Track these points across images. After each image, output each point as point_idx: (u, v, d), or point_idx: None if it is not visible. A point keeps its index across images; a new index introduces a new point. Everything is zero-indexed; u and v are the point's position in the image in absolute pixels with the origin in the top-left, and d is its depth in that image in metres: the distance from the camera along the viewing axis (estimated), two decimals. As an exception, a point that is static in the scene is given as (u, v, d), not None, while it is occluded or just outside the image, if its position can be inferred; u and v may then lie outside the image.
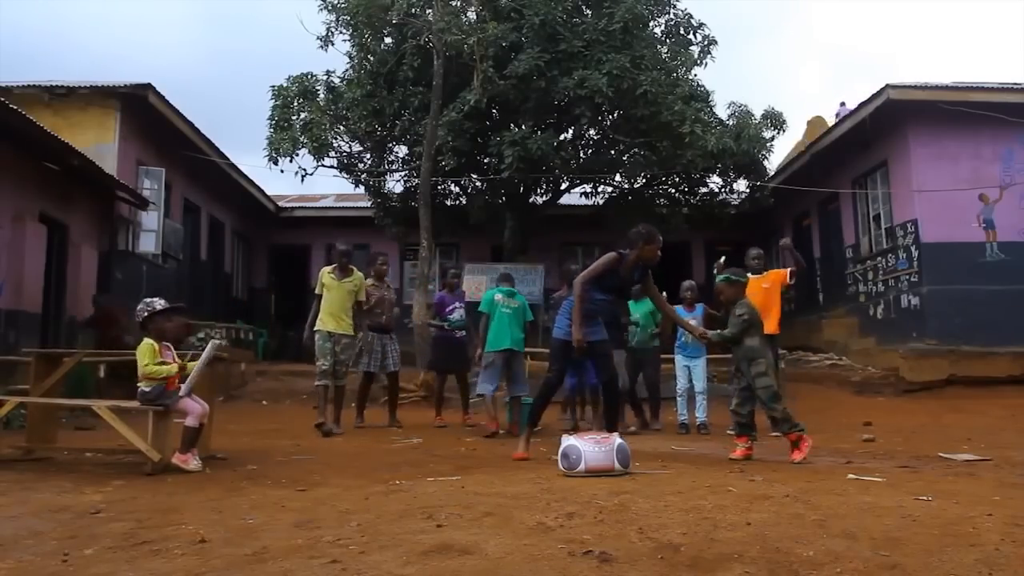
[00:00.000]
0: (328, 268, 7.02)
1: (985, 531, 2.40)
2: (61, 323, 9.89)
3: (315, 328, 6.79)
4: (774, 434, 5.27)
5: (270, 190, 17.08)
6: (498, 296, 6.80)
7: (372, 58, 13.42)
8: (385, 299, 7.40)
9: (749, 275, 6.33)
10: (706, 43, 13.24)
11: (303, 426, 7.19)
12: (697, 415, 7.10)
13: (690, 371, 7.14)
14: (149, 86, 10.97)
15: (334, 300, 6.83)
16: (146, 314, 4.46)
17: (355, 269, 7.05)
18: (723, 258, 7.64)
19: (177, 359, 4.53)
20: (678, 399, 7.17)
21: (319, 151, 12.87)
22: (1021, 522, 2.51)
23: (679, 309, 7.18)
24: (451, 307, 7.66)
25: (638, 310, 7.37)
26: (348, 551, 2.25)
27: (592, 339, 4.69)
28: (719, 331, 5.02)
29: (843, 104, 15.50)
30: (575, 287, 4.69)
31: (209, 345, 4.65)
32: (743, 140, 12.69)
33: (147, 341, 4.39)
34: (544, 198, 14.82)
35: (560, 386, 5.16)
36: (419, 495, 3.24)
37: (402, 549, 2.26)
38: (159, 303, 4.52)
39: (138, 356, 4.36)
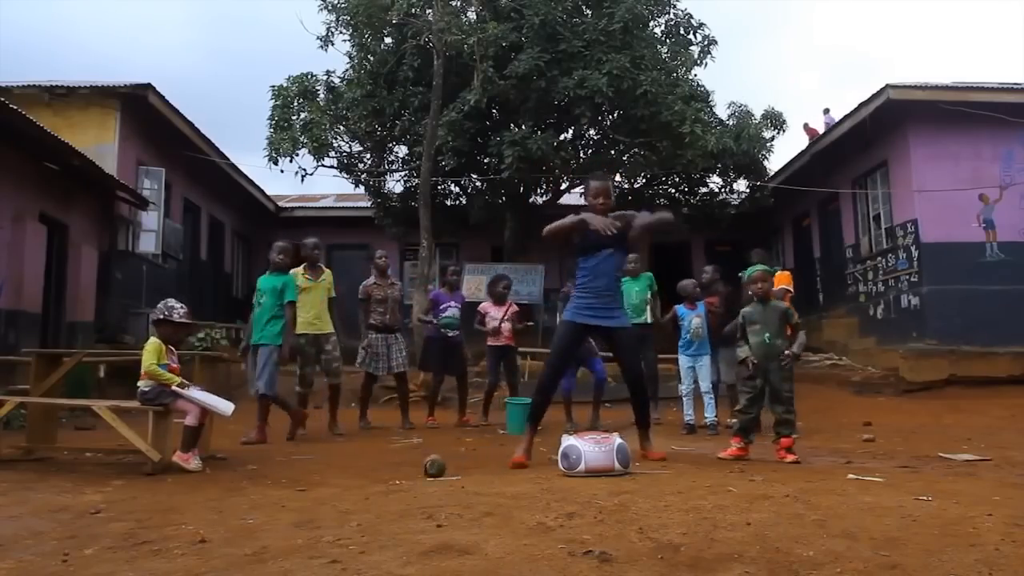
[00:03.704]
0: (300, 269, 6.65)
1: (985, 531, 2.40)
2: (61, 323, 9.90)
3: (300, 331, 6.46)
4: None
5: (270, 190, 17.07)
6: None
7: (372, 58, 13.43)
8: (388, 297, 7.21)
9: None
10: (706, 43, 13.26)
11: (303, 426, 7.18)
12: (706, 415, 6.93)
13: (695, 371, 7.07)
14: (149, 86, 10.96)
15: (315, 301, 6.58)
16: (161, 317, 4.51)
17: (323, 267, 6.83)
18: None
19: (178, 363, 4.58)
20: (684, 400, 7.10)
21: (319, 151, 12.88)
22: (1021, 522, 2.51)
23: (680, 308, 7.16)
24: (445, 305, 7.55)
25: (635, 287, 7.36)
26: (348, 551, 2.25)
27: (611, 323, 4.40)
28: (798, 345, 4.72)
29: (827, 111, 15.58)
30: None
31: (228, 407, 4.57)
32: (743, 140, 12.72)
33: (155, 340, 4.46)
34: (544, 198, 14.82)
35: (560, 374, 4.60)
36: (419, 495, 3.23)
37: (402, 549, 2.26)
38: (179, 313, 4.54)
39: (144, 353, 4.40)
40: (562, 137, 13.76)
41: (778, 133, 13.63)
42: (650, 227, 4.53)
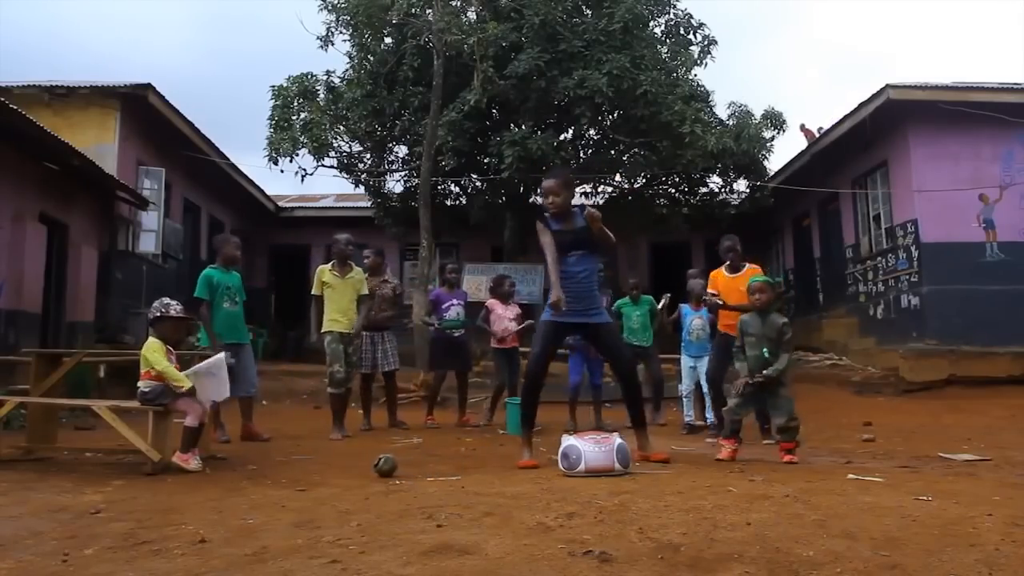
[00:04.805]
0: (327, 266, 6.68)
1: (985, 531, 2.40)
2: (61, 323, 9.90)
3: (326, 329, 6.43)
4: (766, 442, 5.27)
5: (270, 190, 17.09)
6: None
7: (372, 58, 13.43)
8: (373, 295, 7.00)
9: (724, 271, 6.34)
10: (706, 43, 13.25)
11: (303, 426, 7.18)
12: (708, 415, 6.85)
13: (697, 371, 7.00)
14: (149, 86, 10.97)
15: (342, 298, 6.49)
16: (159, 314, 4.47)
17: (354, 264, 6.77)
18: (667, 296, 7.63)
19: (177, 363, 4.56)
20: (684, 400, 7.09)
21: (319, 151, 12.88)
22: (1021, 522, 2.51)
23: (685, 308, 7.14)
24: (447, 304, 7.52)
25: (635, 312, 7.35)
26: (348, 551, 2.25)
27: (591, 320, 4.36)
28: (772, 370, 4.56)
29: (803, 126, 15.80)
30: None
31: (221, 356, 4.73)
32: (743, 140, 12.71)
33: (155, 340, 4.40)
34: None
35: (542, 374, 4.46)
36: (419, 495, 3.23)
37: (402, 549, 2.26)
38: (175, 309, 4.50)
39: (147, 354, 4.33)
40: (562, 137, 13.75)
41: (778, 133, 13.63)
42: (592, 215, 4.35)
